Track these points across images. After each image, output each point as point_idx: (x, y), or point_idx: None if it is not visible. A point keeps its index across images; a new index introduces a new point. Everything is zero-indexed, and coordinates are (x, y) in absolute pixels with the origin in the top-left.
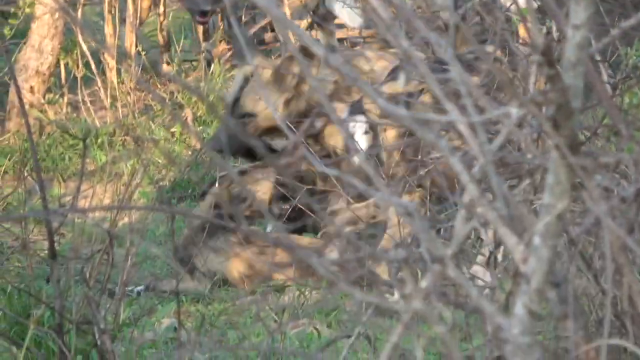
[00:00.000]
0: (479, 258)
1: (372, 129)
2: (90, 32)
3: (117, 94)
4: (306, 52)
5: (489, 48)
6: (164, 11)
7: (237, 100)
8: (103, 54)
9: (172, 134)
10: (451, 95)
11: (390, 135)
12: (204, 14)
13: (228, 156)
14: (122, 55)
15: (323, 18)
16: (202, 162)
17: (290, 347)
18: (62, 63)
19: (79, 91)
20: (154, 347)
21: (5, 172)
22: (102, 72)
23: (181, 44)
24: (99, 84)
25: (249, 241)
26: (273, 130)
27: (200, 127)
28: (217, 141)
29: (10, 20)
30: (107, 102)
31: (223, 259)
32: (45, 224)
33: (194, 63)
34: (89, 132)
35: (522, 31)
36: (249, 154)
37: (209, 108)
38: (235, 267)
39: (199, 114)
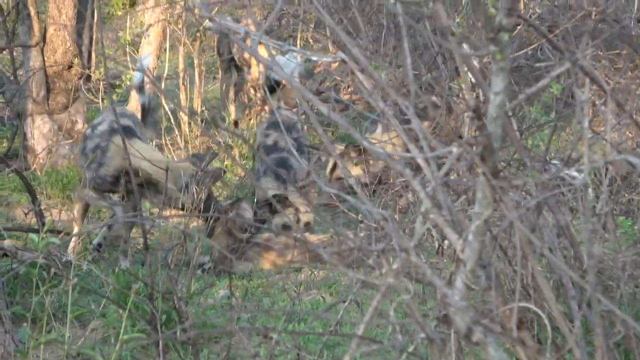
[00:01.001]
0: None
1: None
2: (170, 97)
3: (189, 139)
4: None
5: (435, 100)
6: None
7: None
8: (179, 112)
9: (225, 166)
10: (413, 139)
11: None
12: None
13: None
14: (191, 113)
15: (271, 89)
16: (245, 186)
17: (304, 309)
18: None
19: (163, 137)
20: (213, 309)
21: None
22: (178, 124)
23: (230, 105)
24: (176, 132)
25: (269, 248)
26: None
27: (245, 161)
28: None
29: (116, 89)
30: (182, 144)
31: (255, 262)
32: (141, 226)
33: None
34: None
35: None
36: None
37: (250, 148)
38: (264, 266)
39: (243, 152)
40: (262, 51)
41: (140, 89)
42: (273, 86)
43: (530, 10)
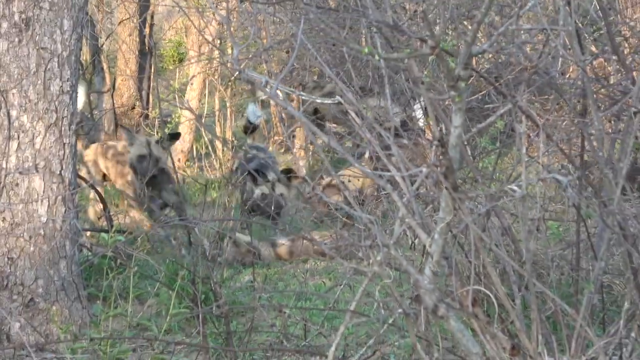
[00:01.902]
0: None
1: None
2: (209, 130)
3: (222, 161)
4: None
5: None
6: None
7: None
8: (215, 141)
9: None
10: (393, 161)
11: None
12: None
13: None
14: (225, 141)
15: (249, 128)
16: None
17: (310, 291)
18: (194, 146)
19: (203, 160)
20: (241, 291)
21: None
22: (214, 150)
23: (254, 136)
24: (213, 156)
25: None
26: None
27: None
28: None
29: (168, 125)
30: (217, 165)
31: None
32: (186, 227)
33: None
34: (207, 181)
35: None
36: None
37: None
38: (282, 252)
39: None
40: None
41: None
42: (248, 127)
43: (481, 65)
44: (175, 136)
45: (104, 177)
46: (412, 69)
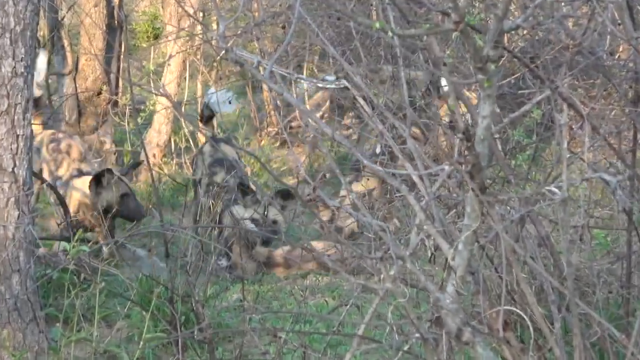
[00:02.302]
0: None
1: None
2: (190, 120)
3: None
4: None
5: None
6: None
7: None
8: (196, 133)
9: None
10: (409, 157)
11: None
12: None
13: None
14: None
15: (208, 118)
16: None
17: (310, 311)
18: (172, 139)
19: (183, 156)
20: (227, 311)
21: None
22: (196, 144)
23: (244, 128)
24: (194, 151)
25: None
26: None
27: (256, 178)
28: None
29: (141, 114)
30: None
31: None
32: (163, 236)
33: (251, 139)
34: (187, 180)
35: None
36: None
37: (262, 166)
38: (277, 258)
39: (254, 170)
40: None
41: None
42: (209, 115)
43: (514, 43)
44: (135, 165)
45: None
46: (432, 48)
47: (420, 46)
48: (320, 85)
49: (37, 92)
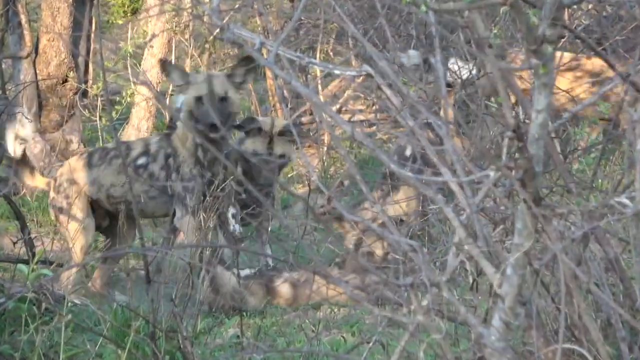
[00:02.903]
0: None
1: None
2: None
3: None
4: None
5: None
6: None
7: None
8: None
9: None
10: (445, 161)
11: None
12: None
13: None
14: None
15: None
16: None
17: (323, 350)
18: None
19: None
20: (222, 350)
21: None
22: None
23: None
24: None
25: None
26: None
27: None
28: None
29: (116, 107)
30: None
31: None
32: (143, 258)
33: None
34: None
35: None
36: None
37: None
38: (282, 293)
39: None
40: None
41: None
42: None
43: (576, 20)
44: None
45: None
46: (476, 26)
47: (461, 24)
48: (337, 72)
49: None
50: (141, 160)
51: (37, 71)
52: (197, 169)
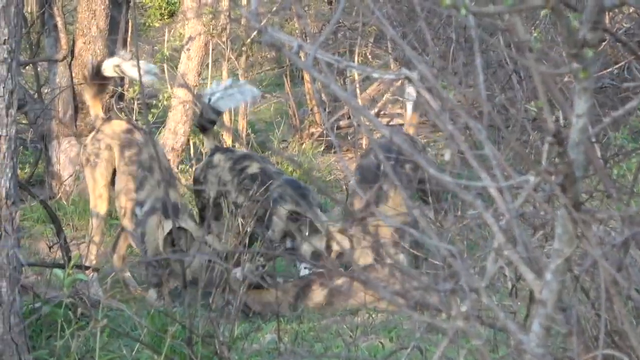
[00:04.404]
0: None
1: None
2: (207, 109)
3: None
4: None
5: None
6: None
7: None
8: (222, 134)
9: None
10: (484, 165)
11: None
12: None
13: None
14: (236, 135)
15: (210, 122)
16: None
17: (361, 356)
18: (191, 142)
19: None
20: (259, 356)
21: None
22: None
23: (281, 127)
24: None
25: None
26: None
27: None
28: None
29: (152, 110)
30: None
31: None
32: (179, 263)
33: (289, 142)
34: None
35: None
36: None
37: (303, 172)
38: (316, 298)
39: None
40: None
41: None
42: (211, 120)
43: (617, 24)
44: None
45: None
46: (516, 29)
47: (501, 27)
48: (375, 75)
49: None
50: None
51: (73, 74)
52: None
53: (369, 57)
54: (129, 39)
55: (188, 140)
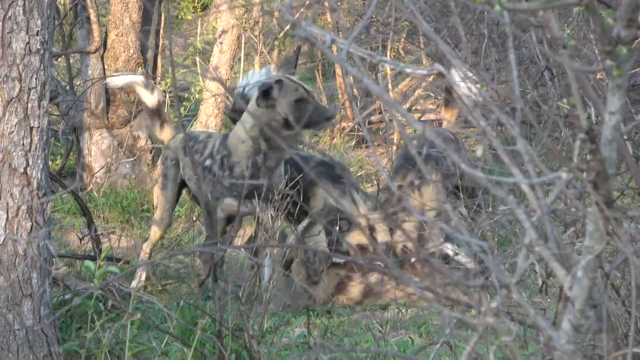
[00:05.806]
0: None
1: None
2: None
3: None
4: None
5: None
6: None
7: None
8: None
9: None
10: (516, 161)
11: None
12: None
13: None
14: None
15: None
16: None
17: (391, 351)
18: None
19: None
20: (289, 350)
21: (179, 216)
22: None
23: None
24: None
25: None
26: None
27: None
28: None
29: (184, 103)
30: None
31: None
32: (210, 256)
33: (320, 136)
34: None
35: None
36: None
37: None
38: (352, 294)
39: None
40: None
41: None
42: (237, 117)
43: None
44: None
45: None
46: (550, 26)
47: (535, 23)
48: (408, 70)
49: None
50: (208, 162)
51: (105, 66)
52: (252, 170)
53: (402, 52)
54: (161, 32)
55: None
